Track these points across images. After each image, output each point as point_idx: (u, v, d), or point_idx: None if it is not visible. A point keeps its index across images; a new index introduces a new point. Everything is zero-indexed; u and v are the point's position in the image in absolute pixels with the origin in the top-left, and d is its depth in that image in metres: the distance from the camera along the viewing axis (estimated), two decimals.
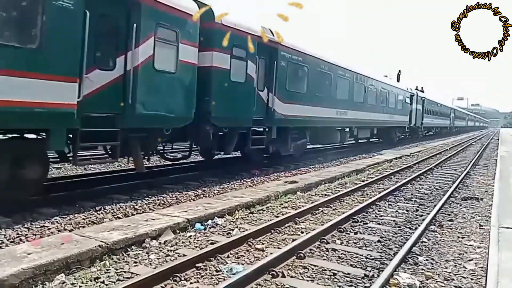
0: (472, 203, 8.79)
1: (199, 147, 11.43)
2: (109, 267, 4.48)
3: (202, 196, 8.31)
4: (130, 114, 7.18)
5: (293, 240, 5.52)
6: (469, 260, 5.17)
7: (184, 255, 4.82)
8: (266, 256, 4.86)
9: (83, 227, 5.83)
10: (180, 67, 8.10)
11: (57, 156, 7.92)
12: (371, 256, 5.14)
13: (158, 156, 10.42)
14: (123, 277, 4.24)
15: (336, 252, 5.24)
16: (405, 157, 18.71)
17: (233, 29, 9.38)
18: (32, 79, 5.61)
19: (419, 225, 6.49)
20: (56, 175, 10.19)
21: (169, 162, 11.65)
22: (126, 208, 7.05)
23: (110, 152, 8.03)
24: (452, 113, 51.32)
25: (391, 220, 7.00)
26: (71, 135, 6.53)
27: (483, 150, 24.83)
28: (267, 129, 11.66)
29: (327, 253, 5.20)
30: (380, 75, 23.61)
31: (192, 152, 13.81)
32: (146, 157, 8.92)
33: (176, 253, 4.99)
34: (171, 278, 4.13)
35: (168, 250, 5.07)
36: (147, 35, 7.35)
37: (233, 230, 6.03)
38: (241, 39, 9.41)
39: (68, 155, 7.10)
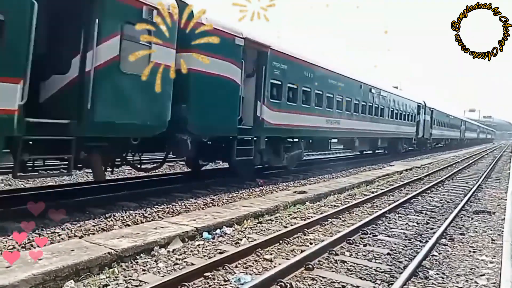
0: (484, 217, 8.65)
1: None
2: (118, 274, 4.50)
3: (210, 204, 8.32)
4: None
5: (302, 251, 5.48)
6: (481, 275, 5.08)
7: (193, 264, 4.82)
8: (275, 266, 4.83)
9: (93, 234, 5.87)
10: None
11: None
12: (380, 269, 5.07)
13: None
14: (132, 285, 4.25)
15: (345, 264, 5.19)
16: (415, 168, 18.53)
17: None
18: None
19: (429, 238, 6.40)
20: (67, 182, 10.31)
21: (179, 170, 11.64)
22: (136, 215, 7.09)
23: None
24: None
25: (401, 233, 6.92)
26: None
27: (495, 163, 24.49)
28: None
29: (336, 264, 5.16)
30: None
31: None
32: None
33: (184, 261, 4.99)
34: (179, 287, 4.12)
35: (176, 259, 5.07)
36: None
37: (241, 239, 6.02)
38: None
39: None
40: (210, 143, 9.71)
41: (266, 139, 11.22)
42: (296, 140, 13.51)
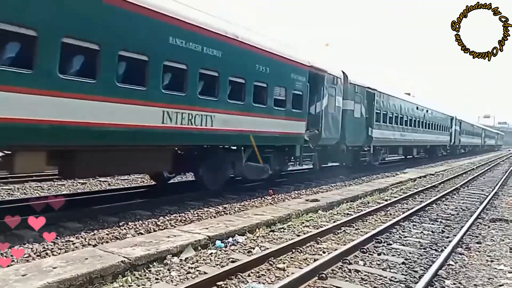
0: (501, 225, 8.47)
1: None
2: (131, 283, 4.52)
3: (223, 213, 8.32)
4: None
5: (315, 260, 5.43)
6: (500, 286, 4.96)
7: (205, 273, 4.81)
8: (288, 276, 4.80)
9: (107, 242, 5.92)
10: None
11: None
12: (395, 278, 4.99)
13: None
14: None
15: (359, 273, 5.12)
16: (429, 176, 18.28)
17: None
18: None
19: (445, 247, 6.29)
20: (81, 190, 10.43)
21: (192, 179, 11.43)
22: (148, 224, 7.13)
23: None
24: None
25: (416, 242, 6.81)
26: None
27: None
28: None
29: (349, 274, 5.10)
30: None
31: None
32: None
33: (197, 270, 4.99)
34: None
35: (189, 267, 5.07)
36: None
37: (253, 248, 5.99)
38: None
39: None
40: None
41: None
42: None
